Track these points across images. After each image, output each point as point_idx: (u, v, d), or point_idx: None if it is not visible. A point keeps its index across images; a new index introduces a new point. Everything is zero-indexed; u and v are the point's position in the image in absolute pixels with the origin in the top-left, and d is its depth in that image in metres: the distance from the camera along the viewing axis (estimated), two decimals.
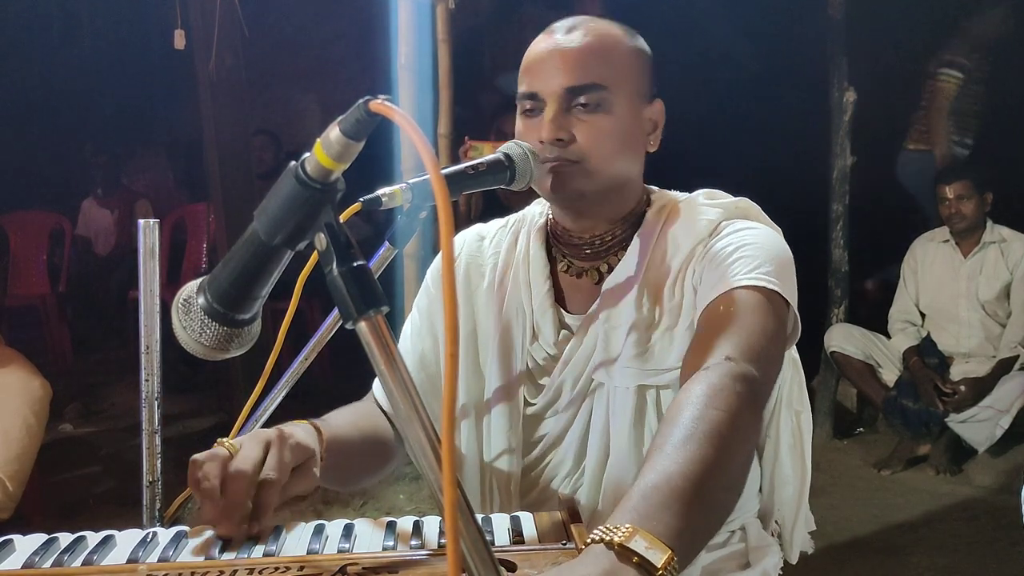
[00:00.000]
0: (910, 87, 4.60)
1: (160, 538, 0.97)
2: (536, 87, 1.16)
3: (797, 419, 1.28)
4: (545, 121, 1.13)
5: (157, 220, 1.20)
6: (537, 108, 1.16)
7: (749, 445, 0.91)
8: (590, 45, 1.15)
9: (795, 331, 1.13)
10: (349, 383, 1.38)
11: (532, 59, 1.18)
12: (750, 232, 1.14)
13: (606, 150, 1.15)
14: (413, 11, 3.07)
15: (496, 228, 1.35)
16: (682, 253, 1.16)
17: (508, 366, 1.24)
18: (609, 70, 1.15)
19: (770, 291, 1.05)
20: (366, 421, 1.26)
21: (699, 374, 0.94)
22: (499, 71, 4.97)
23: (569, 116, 1.14)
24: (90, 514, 3.30)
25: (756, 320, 1.03)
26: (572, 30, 1.17)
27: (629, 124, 1.17)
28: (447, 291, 0.60)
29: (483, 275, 1.30)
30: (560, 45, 1.15)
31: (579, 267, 1.23)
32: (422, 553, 0.92)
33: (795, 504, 1.30)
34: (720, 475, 0.82)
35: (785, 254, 1.14)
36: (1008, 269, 3.75)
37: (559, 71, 1.14)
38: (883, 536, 3.12)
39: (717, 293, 1.06)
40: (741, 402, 0.89)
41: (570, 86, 1.13)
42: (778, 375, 1.09)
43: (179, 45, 3.50)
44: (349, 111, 0.67)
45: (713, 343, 0.99)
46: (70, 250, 5.73)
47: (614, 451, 1.16)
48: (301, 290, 0.97)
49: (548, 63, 1.15)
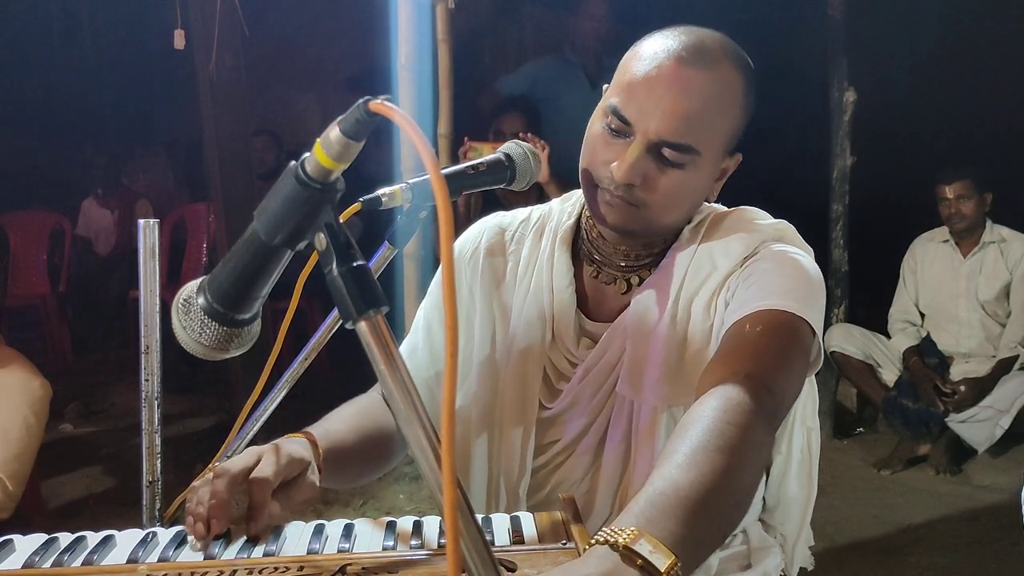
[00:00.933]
0: (910, 87, 4.60)
1: (160, 538, 0.97)
2: (632, 116, 1.07)
3: (808, 436, 1.27)
4: (625, 161, 1.07)
5: (157, 220, 1.20)
6: (622, 133, 1.09)
7: (759, 463, 0.90)
8: (707, 98, 1.06)
9: (818, 359, 1.11)
10: (349, 383, 1.38)
11: (641, 77, 1.07)
12: (787, 256, 1.12)
13: (672, 204, 1.11)
14: (413, 11, 3.07)
15: (518, 222, 1.30)
16: (719, 274, 1.14)
17: (525, 368, 1.21)
18: (711, 134, 1.09)
19: (799, 317, 1.04)
20: (368, 419, 1.25)
21: (716, 388, 0.93)
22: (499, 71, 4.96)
23: (650, 161, 1.08)
24: (90, 514, 3.30)
25: (780, 343, 1.02)
26: (695, 66, 1.06)
27: (704, 181, 1.13)
28: (447, 291, 0.59)
29: (504, 271, 1.26)
30: (678, 83, 1.05)
31: (609, 274, 1.20)
32: (422, 553, 0.92)
33: (799, 521, 1.30)
34: (728, 489, 0.82)
35: (817, 281, 1.12)
36: (1008, 269, 3.75)
37: (664, 116, 1.06)
38: (883, 536, 3.12)
39: (746, 312, 1.05)
40: (755, 420, 0.89)
41: (668, 141, 1.07)
42: (795, 400, 1.08)
43: (179, 45, 3.50)
44: (349, 111, 0.67)
45: (734, 360, 0.99)
46: (70, 250, 5.73)
47: (638, 466, 1.14)
48: (301, 290, 0.97)
49: (656, 97, 1.06)
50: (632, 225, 1.12)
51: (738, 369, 0.95)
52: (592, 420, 1.18)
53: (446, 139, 3.26)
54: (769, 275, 1.09)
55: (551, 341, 1.21)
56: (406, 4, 3.07)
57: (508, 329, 1.23)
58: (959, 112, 4.60)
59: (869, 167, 4.14)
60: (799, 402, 1.23)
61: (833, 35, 4.02)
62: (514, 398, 1.21)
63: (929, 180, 3.85)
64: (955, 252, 3.87)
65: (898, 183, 4.43)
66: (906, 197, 4.17)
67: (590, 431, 1.18)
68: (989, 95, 4.62)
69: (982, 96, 4.67)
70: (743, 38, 1.15)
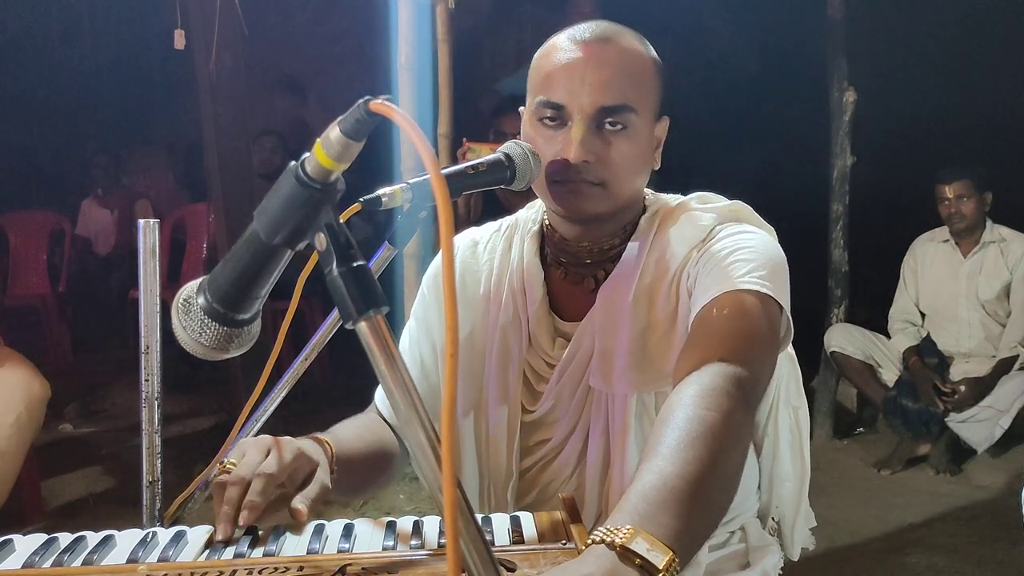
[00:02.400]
0: (910, 87, 4.61)
1: (160, 538, 0.97)
2: (563, 99, 1.11)
3: (795, 415, 1.28)
4: (574, 141, 1.10)
5: (157, 220, 1.20)
6: (560, 120, 1.12)
7: (742, 446, 0.91)
8: (624, 63, 1.12)
9: (787, 334, 1.12)
10: (349, 383, 1.38)
11: (557, 66, 1.12)
12: (744, 236, 1.14)
13: (628, 173, 1.14)
14: (413, 11, 3.07)
15: (490, 232, 1.33)
16: (677, 259, 1.15)
17: (505, 374, 1.23)
18: (638, 91, 1.12)
19: (763, 295, 1.05)
20: (370, 433, 1.26)
21: (691, 376, 0.94)
22: (499, 71, 4.97)
23: (596, 136, 1.11)
24: (90, 514, 3.30)
25: (749, 324, 1.03)
26: (604, 42, 1.12)
27: (646, 144, 1.16)
28: (447, 291, 0.60)
29: (479, 281, 1.28)
30: (595, 58, 1.11)
31: (577, 274, 1.22)
32: (422, 553, 0.92)
33: (795, 500, 1.31)
34: (715, 476, 0.82)
35: (778, 257, 1.13)
36: (1008, 269, 3.75)
37: (592, 87, 1.10)
38: (883, 536, 3.12)
39: (710, 296, 1.06)
40: (734, 403, 0.90)
41: (604, 106, 1.10)
42: (771, 377, 1.09)
43: (179, 45, 3.50)
44: (349, 111, 0.67)
45: (706, 345, 0.99)
46: (70, 250, 5.73)
47: (616, 458, 1.16)
48: (301, 290, 0.97)
49: (578, 75, 1.10)
50: (598, 206, 1.14)
51: (710, 355, 0.96)
52: (576, 419, 1.20)
53: (446, 139, 3.26)
54: (728, 257, 1.10)
55: (528, 345, 1.23)
56: (406, 4, 3.07)
57: (487, 338, 1.25)
58: (959, 112, 4.60)
59: (869, 167, 4.14)
60: (781, 382, 1.25)
61: (833, 35, 4.02)
62: (497, 404, 1.23)
63: (929, 180, 3.86)
64: (955, 252, 3.86)
65: (898, 183, 4.44)
66: (906, 197, 4.18)
67: (575, 430, 1.20)
68: (989, 95, 4.63)
69: (982, 96, 4.67)
70: (743, 38, 1.15)
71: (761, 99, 4.88)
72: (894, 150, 4.63)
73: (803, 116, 4.32)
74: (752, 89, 5.00)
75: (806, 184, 4.16)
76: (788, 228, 1.23)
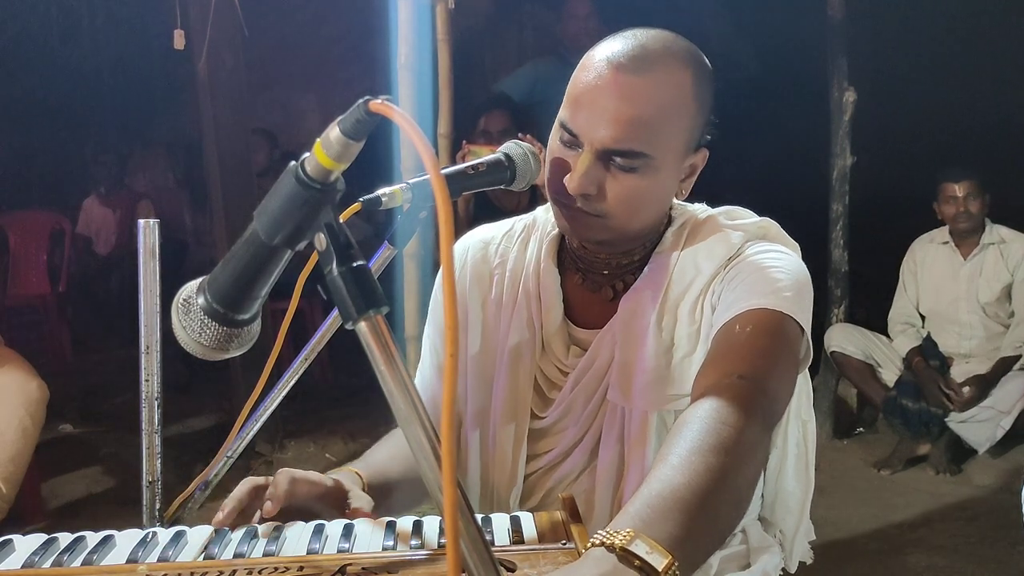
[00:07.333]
0: (910, 87, 4.60)
1: (160, 538, 0.97)
2: (578, 128, 1.06)
3: (804, 429, 1.27)
4: (576, 172, 1.06)
5: (157, 220, 1.20)
6: (573, 144, 1.08)
7: (756, 462, 0.90)
8: (655, 102, 1.04)
9: (807, 357, 1.12)
10: (349, 383, 1.38)
11: (585, 88, 1.06)
12: (771, 255, 1.12)
13: (632, 211, 1.09)
14: (413, 11, 3.06)
15: (502, 233, 1.29)
16: (703, 277, 1.13)
17: (517, 378, 1.21)
18: (661, 136, 1.06)
19: (787, 316, 1.04)
20: (404, 454, 1.24)
21: (710, 391, 0.93)
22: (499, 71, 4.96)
23: (602, 170, 1.06)
24: (90, 514, 3.30)
25: (771, 342, 1.02)
26: (639, 72, 1.04)
27: (665, 183, 1.11)
28: (447, 291, 0.60)
29: (491, 283, 1.26)
30: (620, 91, 1.03)
31: (595, 282, 1.20)
32: (422, 553, 0.92)
33: (797, 515, 1.30)
34: (725, 489, 0.82)
35: (803, 279, 1.11)
36: (1008, 270, 3.74)
37: (609, 125, 1.04)
38: (883, 536, 3.12)
39: (734, 313, 1.05)
40: (750, 419, 0.89)
41: (612, 149, 1.05)
42: (790, 398, 1.08)
43: (179, 45, 3.49)
44: (349, 111, 0.67)
45: (726, 362, 0.99)
46: (70, 250, 5.73)
47: (630, 472, 1.14)
48: (301, 290, 0.97)
49: (600, 106, 1.04)
50: (598, 235, 1.12)
51: (730, 371, 0.96)
52: (585, 429, 1.18)
53: (446, 139, 3.25)
54: (754, 275, 1.09)
55: (541, 351, 1.21)
56: (406, 4, 3.06)
57: (498, 341, 1.23)
58: (959, 112, 4.60)
59: (869, 167, 4.14)
60: (793, 396, 1.23)
61: (833, 35, 4.02)
62: (506, 409, 1.21)
63: (929, 180, 3.85)
64: (955, 254, 3.85)
65: (898, 183, 4.43)
66: (906, 197, 4.17)
67: (584, 439, 1.18)
68: (989, 95, 4.63)
69: (982, 96, 4.67)
70: (743, 38, 1.15)
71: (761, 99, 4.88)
72: (894, 150, 4.63)
73: (803, 116, 4.32)
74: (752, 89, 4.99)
75: (806, 184, 4.16)
76: (788, 228, 1.22)
